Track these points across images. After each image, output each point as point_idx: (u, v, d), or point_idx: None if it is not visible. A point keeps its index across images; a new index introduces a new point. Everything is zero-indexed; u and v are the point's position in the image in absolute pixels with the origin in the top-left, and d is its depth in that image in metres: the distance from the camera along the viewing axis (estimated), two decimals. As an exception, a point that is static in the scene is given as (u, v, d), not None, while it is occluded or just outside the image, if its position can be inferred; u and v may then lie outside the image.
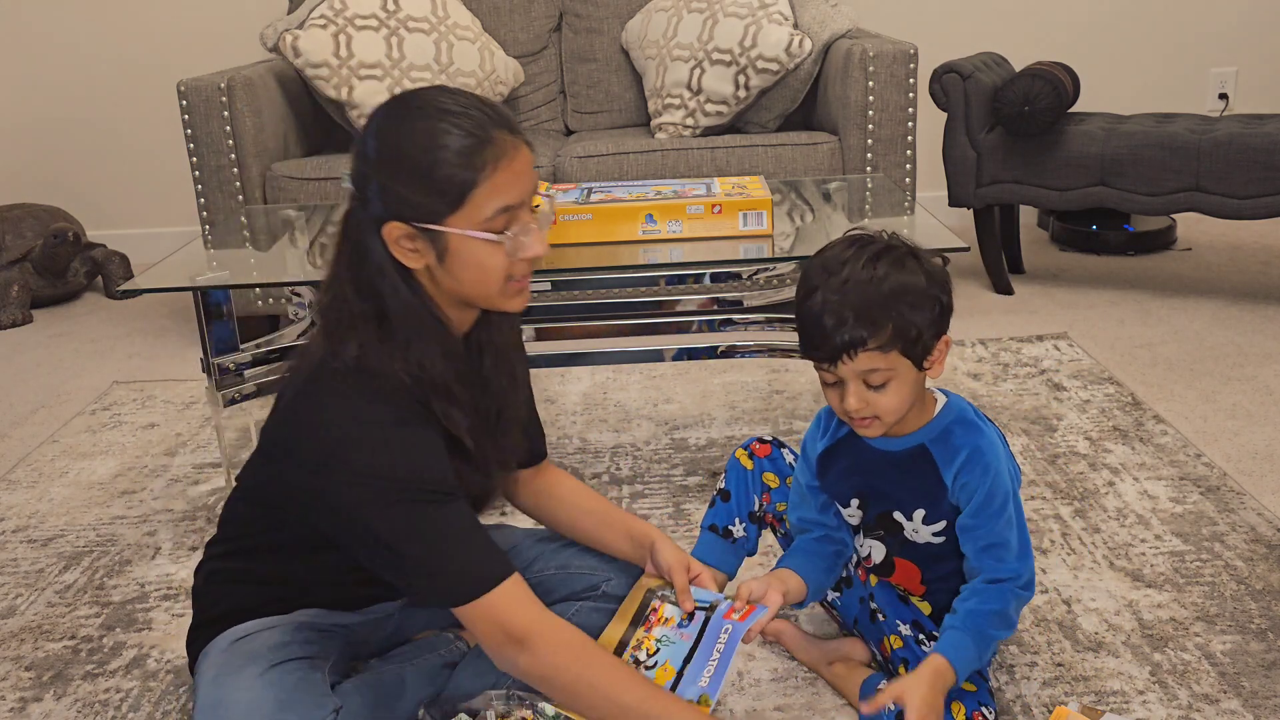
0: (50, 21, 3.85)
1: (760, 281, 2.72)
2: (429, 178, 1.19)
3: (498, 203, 1.21)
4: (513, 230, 1.24)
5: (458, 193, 1.20)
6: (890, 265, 1.32)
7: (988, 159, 3.17)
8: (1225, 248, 3.61)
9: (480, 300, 1.29)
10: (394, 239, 1.23)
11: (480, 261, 1.24)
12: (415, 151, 1.20)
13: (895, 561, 1.51)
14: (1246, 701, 1.50)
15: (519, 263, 1.26)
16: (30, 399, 2.83)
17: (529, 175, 1.25)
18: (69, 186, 3.95)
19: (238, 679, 1.30)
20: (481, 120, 1.21)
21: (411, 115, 1.21)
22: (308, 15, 3.13)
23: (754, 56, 3.04)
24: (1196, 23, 3.90)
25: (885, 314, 1.30)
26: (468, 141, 1.19)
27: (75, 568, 2.00)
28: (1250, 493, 2.05)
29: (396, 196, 1.21)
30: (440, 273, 1.25)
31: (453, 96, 1.22)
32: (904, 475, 1.44)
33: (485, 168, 1.20)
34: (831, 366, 1.33)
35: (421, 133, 1.20)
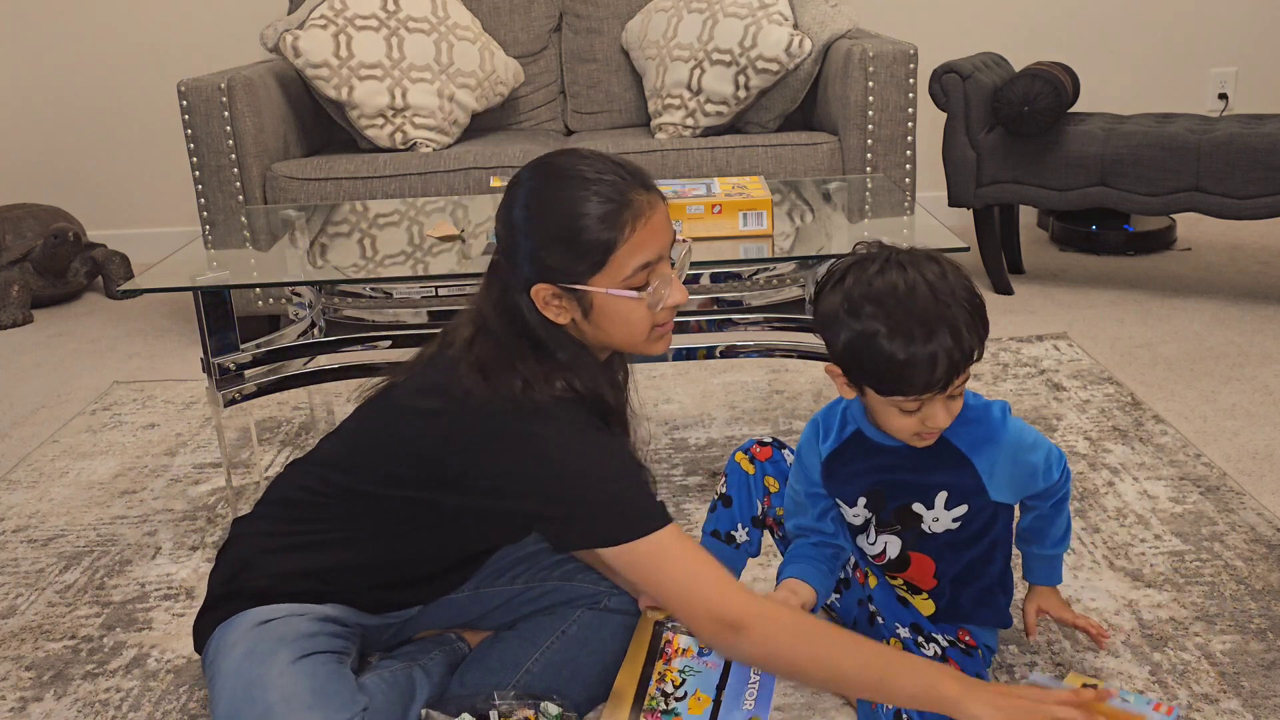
0: (50, 21, 3.85)
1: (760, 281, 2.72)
2: (574, 243, 1.28)
3: (637, 260, 1.29)
4: (653, 284, 1.32)
5: (600, 255, 1.28)
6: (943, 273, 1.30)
7: (987, 159, 3.17)
8: (1225, 248, 3.61)
9: (626, 348, 1.39)
10: (542, 299, 1.31)
11: (625, 315, 1.33)
12: (559, 219, 1.28)
13: (910, 556, 1.49)
14: (1246, 701, 1.50)
15: (661, 311, 1.34)
16: (30, 399, 2.83)
17: (666, 229, 1.33)
18: (69, 186, 3.96)
19: (271, 661, 1.31)
20: (618, 184, 1.29)
21: (555, 184, 1.30)
22: (308, 15, 3.13)
23: (754, 57, 3.05)
24: (1196, 23, 3.90)
25: (976, 316, 1.28)
26: (607, 207, 1.27)
27: (75, 567, 2.00)
28: (1250, 493, 2.05)
29: (543, 261, 1.30)
30: (586, 325, 1.34)
31: (591, 162, 1.30)
32: (924, 462, 1.42)
33: (624, 229, 1.28)
34: (932, 394, 1.30)
35: (565, 201, 1.28)
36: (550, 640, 1.52)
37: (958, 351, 1.26)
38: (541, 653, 1.50)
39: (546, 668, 1.50)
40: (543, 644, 1.51)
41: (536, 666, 1.50)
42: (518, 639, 1.53)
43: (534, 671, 1.49)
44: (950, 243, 1.94)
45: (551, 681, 1.49)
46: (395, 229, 2.34)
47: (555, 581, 1.58)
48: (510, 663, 1.50)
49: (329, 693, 1.30)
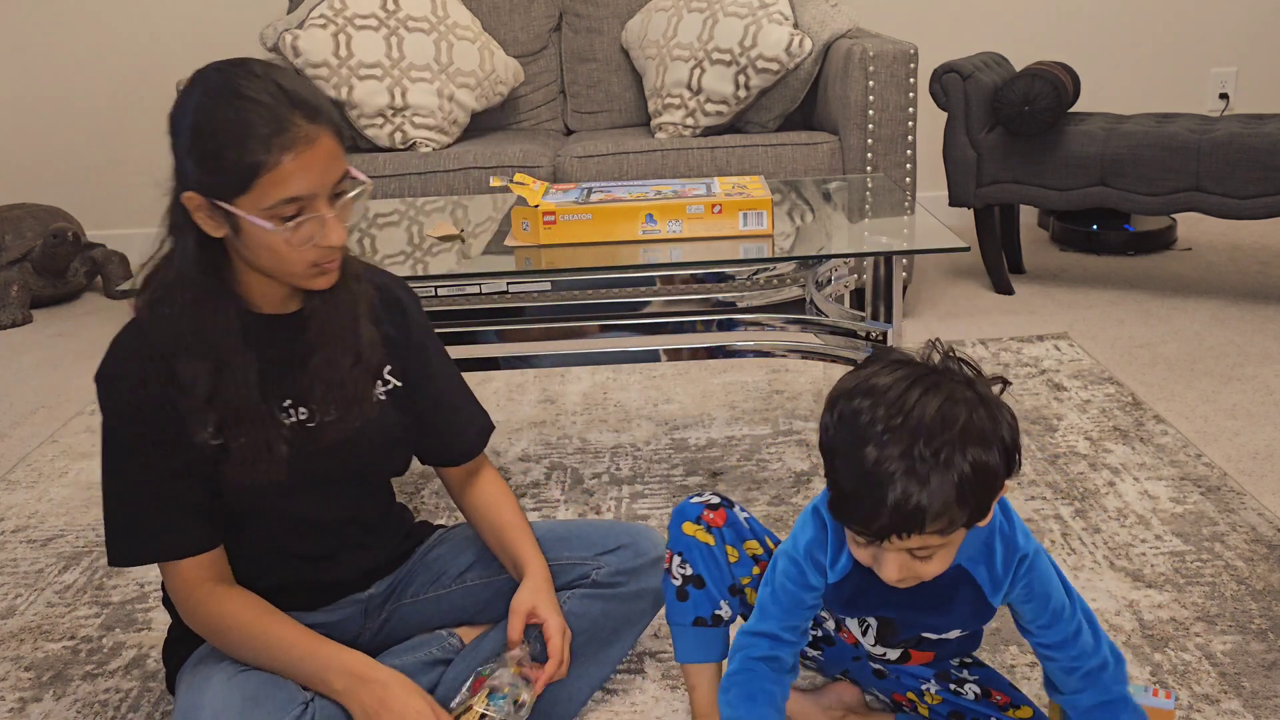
0: (50, 21, 3.84)
1: (760, 281, 2.72)
2: (218, 158, 1.21)
3: (284, 193, 1.22)
4: (300, 220, 1.23)
5: (243, 178, 1.21)
6: (949, 410, 1.08)
7: (988, 159, 3.17)
8: (1225, 248, 3.61)
9: (282, 278, 1.31)
10: (193, 207, 1.27)
11: (269, 245, 1.25)
12: (209, 132, 1.22)
13: (911, 653, 1.38)
14: (1247, 702, 1.49)
15: (314, 249, 1.26)
16: (30, 399, 2.83)
17: (325, 166, 1.24)
18: (69, 186, 3.95)
19: (208, 683, 1.30)
20: (276, 107, 1.21)
21: (212, 93, 1.23)
22: (307, 15, 3.13)
23: (754, 56, 3.04)
24: (1197, 22, 3.90)
25: (950, 487, 1.06)
26: (260, 129, 1.20)
27: (75, 568, 2.00)
28: (1250, 493, 2.05)
29: (192, 170, 1.25)
30: (239, 245, 1.28)
31: (253, 80, 1.22)
32: (940, 601, 1.26)
33: (272, 155, 1.20)
34: (873, 540, 1.12)
35: (217, 114, 1.21)
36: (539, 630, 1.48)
37: (905, 509, 1.06)
38: (534, 638, 1.47)
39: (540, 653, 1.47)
40: (534, 630, 1.48)
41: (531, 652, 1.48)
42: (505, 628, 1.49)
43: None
44: (950, 242, 1.94)
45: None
46: (395, 229, 2.34)
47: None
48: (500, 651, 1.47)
49: (262, 698, 1.28)
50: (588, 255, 2.00)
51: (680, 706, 1.55)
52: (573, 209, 2.01)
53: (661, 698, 1.57)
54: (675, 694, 1.58)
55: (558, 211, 2.01)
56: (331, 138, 1.25)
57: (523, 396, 2.65)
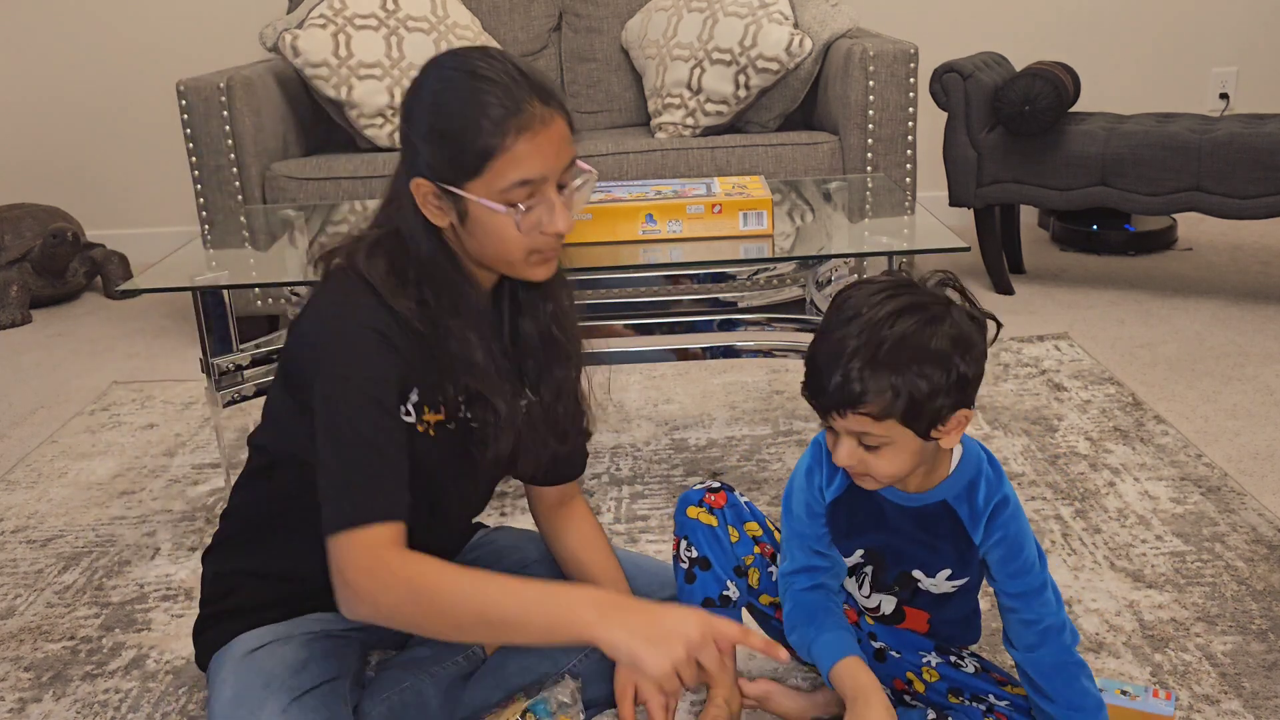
0: (50, 21, 3.84)
1: (760, 281, 2.72)
2: (453, 142, 1.21)
3: (516, 175, 1.21)
4: (530, 204, 1.23)
5: (477, 161, 1.21)
6: (916, 322, 1.19)
7: (988, 159, 3.17)
8: (1226, 248, 3.61)
9: (501, 267, 1.30)
10: (421, 195, 1.25)
11: (497, 230, 1.24)
12: (445, 114, 1.21)
13: (905, 610, 1.44)
14: (1247, 702, 1.49)
15: (540, 236, 1.26)
16: (29, 399, 2.83)
17: (558, 149, 1.25)
18: (68, 186, 3.95)
19: (259, 713, 1.27)
20: (512, 89, 1.20)
21: (448, 77, 1.22)
22: (307, 15, 3.12)
23: (754, 56, 3.04)
24: (1197, 22, 3.90)
25: (886, 380, 1.18)
26: (495, 110, 1.19)
27: (74, 568, 2.00)
28: (1251, 493, 2.05)
29: (424, 155, 1.23)
30: (463, 233, 1.27)
31: (491, 62, 1.22)
32: (927, 534, 1.34)
33: (507, 138, 1.20)
34: (824, 416, 1.25)
35: (453, 96, 1.21)
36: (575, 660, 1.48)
37: (844, 389, 1.18)
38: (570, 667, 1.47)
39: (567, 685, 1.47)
40: (567, 664, 1.47)
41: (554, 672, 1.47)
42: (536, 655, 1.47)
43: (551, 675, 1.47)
44: (951, 242, 1.94)
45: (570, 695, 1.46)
46: (395, 229, 2.33)
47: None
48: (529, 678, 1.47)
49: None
50: (588, 255, 2.00)
51: (681, 706, 1.55)
52: (573, 209, 2.01)
53: (661, 698, 1.57)
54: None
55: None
56: (564, 122, 1.26)
57: (523, 396, 2.65)
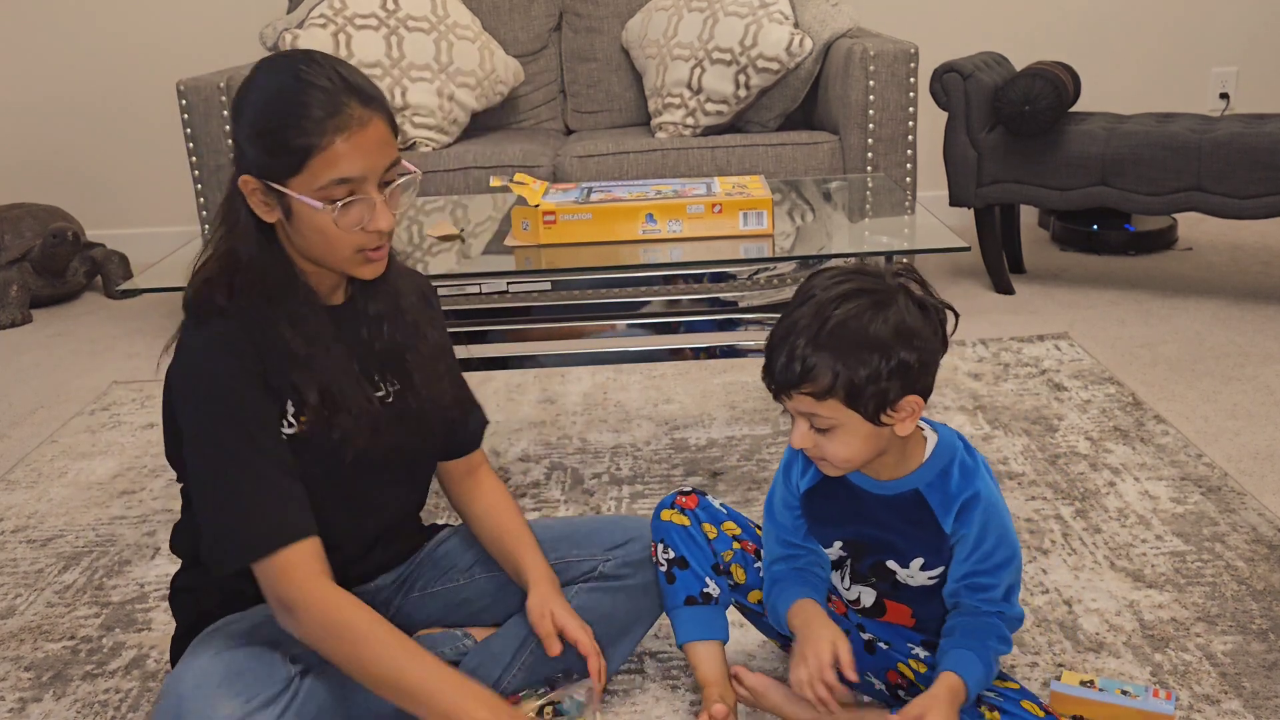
0: (49, 21, 3.84)
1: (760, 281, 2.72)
2: (276, 140, 1.24)
3: (335, 173, 1.25)
4: (349, 201, 1.26)
5: (298, 158, 1.24)
6: (859, 307, 1.23)
7: (988, 158, 3.17)
8: (1226, 247, 3.61)
9: (330, 264, 1.33)
10: (248, 191, 1.28)
11: (319, 227, 1.27)
12: (268, 114, 1.25)
13: (886, 604, 1.44)
14: (1247, 702, 1.49)
15: (362, 234, 1.29)
16: (29, 399, 2.83)
17: (378, 150, 1.27)
18: (68, 186, 3.95)
19: (194, 659, 1.29)
20: (332, 90, 1.24)
21: (271, 77, 1.27)
22: (307, 14, 3.12)
23: (754, 56, 3.04)
24: (1197, 22, 3.90)
25: (827, 360, 1.23)
26: (315, 111, 1.23)
27: (74, 568, 1.99)
28: (1251, 493, 2.05)
29: (250, 153, 1.27)
30: (291, 231, 1.30)
31: (314, 66, 1.26)
32: (900, 522, 1.36)
33: (325, 136, 1.23)
34: (778, 399, 1.30)
35: (275, 95, 1.25)
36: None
37: (786, 368, 1.25)
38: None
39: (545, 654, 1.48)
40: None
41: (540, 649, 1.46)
42: (515, 624, 1.50)
43: (538, 654, 1.47)
44: (951, 242, 1.94)
45: (557, 662, 1.47)
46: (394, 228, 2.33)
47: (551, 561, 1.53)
48: (512, 647, 1.48)
49: (245, 670, 1.25)
50: (588, 255, 2.00)
51: (681, 706, 1.55)
52: (573, 209, 2.01)
53: (662, 697, 1.57)
54: (676, 694, 1.58)
55: (558, 211, 2.01)
56: (384, 124, 1.28)
57: (523, 396, 2.65)
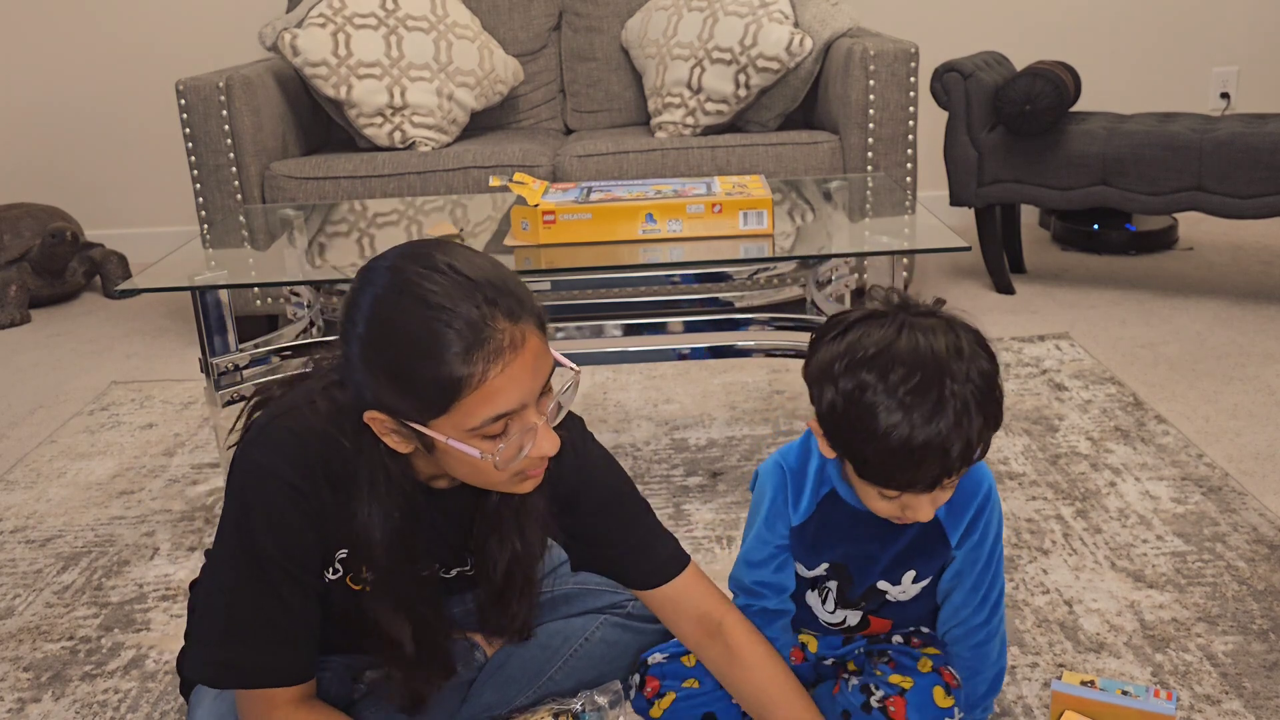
0: (49, 20, 3.84)
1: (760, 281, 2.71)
2: (410, 383, 1.06)
3: (490, 411, 1.06)
4: (510, 436, 1.09)
5: (442, 401, 1.06)
6: (969, 343, 1.13)
7: (989, 158, 3.16)
8: (1227, 247, 3.61)
9: (483, 486, 1.18)
10: (379, 427, 1.11)
11: (471, 464, 1.11)
12: (395, 352, 1.05)
13: (870, 619, 1.41)
14: (1248, 702, 1.49)
15: (525, 460, 1.13)
16: (28, 399, 2.82)
17: (533, 371, 1.08)
18: (67, 186, 3.95)
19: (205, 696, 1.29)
20: (474, 314, 1.04)
21: (395, 306, 1.05)
22: (306, 14, 3.12)
23: (754, 55, 3.04)
24: (1198, 22, 3.89)
25: (989, 403, 1.12)
26: (456, 345, 1.03)
27: (73, 568, 1.99)
28: (1252, 493, 2.04)
29: (376, 390, 1.08)
30: (436, 460, 1.14)
31: (437, 278, 1.05)
32: (899, 538, 1.32)
33: (474, 372, 1.04)
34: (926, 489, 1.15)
35: (403, 330, 1.04)
36: (573, 648, 1.48)
37: (956, 454, 1.10)
38: (564, 661, 1.47)
39: (568, 676, 1.47)
40: (565, 652, 1.47)
41: (559, 675, 1.47)
42: (539, 645, 1.48)
43: (556, 680, 1.47)
44: (952, 242, 1.93)
45: (572, 689, 1.47)
46: (394, 228, 2.33)
47: (573, 586, 1.53)
48: (531, 671, 1.47)
49: None
50: (587, 255, 2.00)
51: (680, 708, 1.54)
52: (572, 208, 2.01)
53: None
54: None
55: (557, 211, 2.01)
56: (537, 335, 1.08)
57: (522, 396, 2.64)
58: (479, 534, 1.27)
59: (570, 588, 1.53)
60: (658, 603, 1.39)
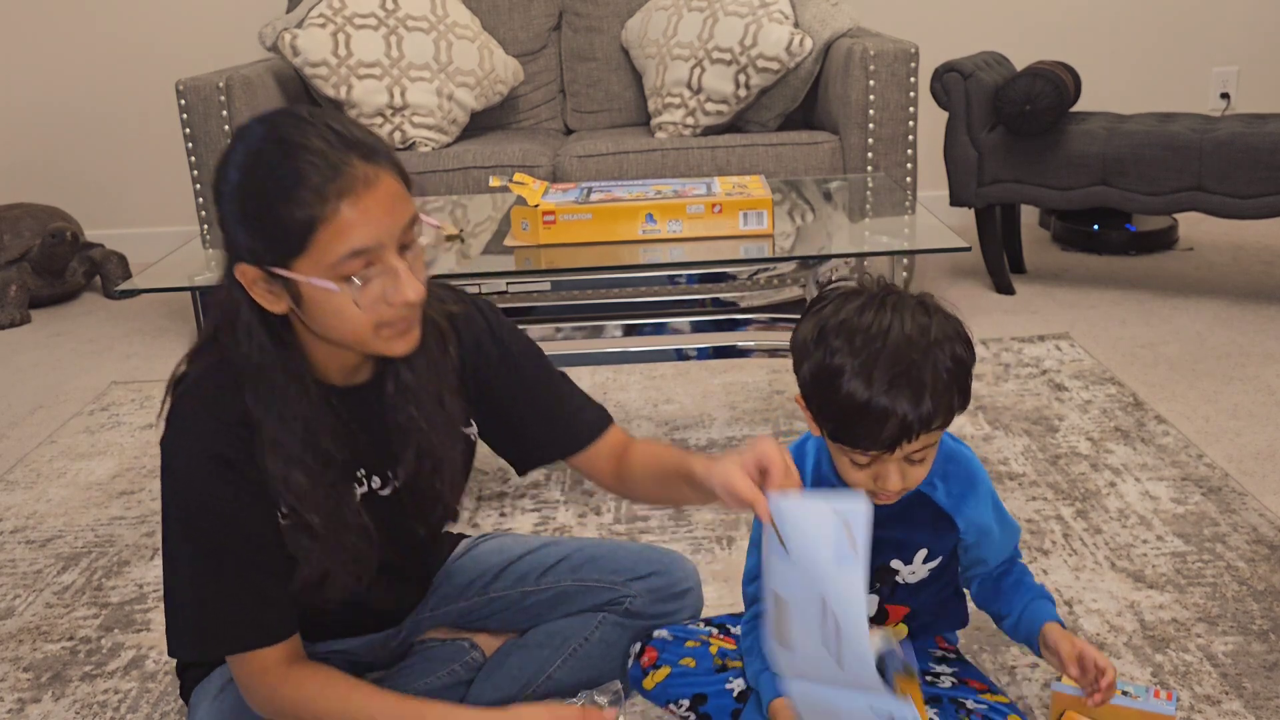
0: (49, 21, 3.84)
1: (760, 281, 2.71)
2: (270, 220, 1.09)
3: (345, 246, 1.09)
4: (368, 275, 1.11)
5: (299, 236, 1.08)
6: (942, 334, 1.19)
7: (989, 158, 3.16)
8: (1227, 247, 3.61)
9: (355, 346, 1.18)
10: (248, 282, 1.13)
11: (336, 309, 1.12)
12: (256, 190, 1.09)
13: (887, 609, 1.43)
14: (1248, 703, 1.49)
15: (387, 308, 1.13)
16: (28, 399, 2.82)
17: (390, 210, 1.11)
18: (67, 186, 3.95)
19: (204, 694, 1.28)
20: (328, 150, 1.08)
21: (255, 149, 1.10)
22: (306, 14, 3.12)
23: (754, 55, 3.04)
24: (1198, 22, 3.89)
25: (952, 386, 1.18)
26: (312, 177, 1.07)
27: (74, 568, 1.99)
28: (1252, 493, 2.04)
29: (243, 239, 1.12)
30: (305, 316, 1.15)
31: (301, 124, 1.10)
32: (905, 520, 1.34)
33: (329, 205, 1.07)
34: (881, 453, 1.20)
35: (260, 166, 1.09)
36: (573, 647, 1.48)
37: (913, 415, 1.15)
38: (564, 659, 1.47)
39: (568, 675, 1.47)
40: (565, 651, 1.48)
41: (559, 673, 1.47)
42: (537, 645, 1.49)
43: (555, 678, 1.47)
44: (952, 242, 1.94)
45: (572, 688, 1.47)
46: (394, 228, 2.33)
47: (570, 583, 1.53)
48: (531, 669, 1.47)
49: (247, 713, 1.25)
50: (587, 255, 2.00)
51: (680, 708, 1.54)
52: (572, 209, 2.01)
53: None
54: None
55: (557, 211, 2.01)
56: (394, 178, 1.12)
57: (522, 396, 2.64)
58: (387, 421, 1.28)
59: (569, 585, 1.53)
60: (587, 459, 1.43)
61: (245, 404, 1.18)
